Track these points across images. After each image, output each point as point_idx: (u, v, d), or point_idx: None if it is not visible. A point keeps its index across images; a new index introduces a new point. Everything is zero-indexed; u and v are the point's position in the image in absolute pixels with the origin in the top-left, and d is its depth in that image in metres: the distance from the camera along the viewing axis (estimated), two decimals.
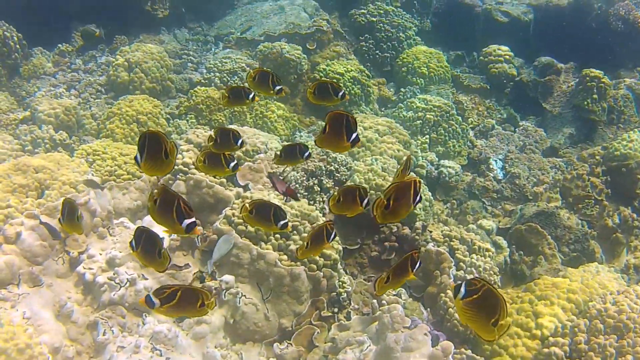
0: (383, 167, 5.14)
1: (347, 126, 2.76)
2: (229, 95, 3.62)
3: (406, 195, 2.60)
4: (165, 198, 2.42)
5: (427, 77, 7.35)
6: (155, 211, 2.43)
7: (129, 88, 6.53)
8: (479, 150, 6.52)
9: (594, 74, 6.82)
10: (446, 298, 4.12)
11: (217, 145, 3.51)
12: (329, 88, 3.36)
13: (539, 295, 4.03)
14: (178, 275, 4.41)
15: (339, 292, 4.48)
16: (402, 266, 2.93)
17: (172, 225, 2.43)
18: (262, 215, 3.14)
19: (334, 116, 2.78)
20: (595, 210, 5.75)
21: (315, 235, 3.11)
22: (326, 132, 2.78)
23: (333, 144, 2.85)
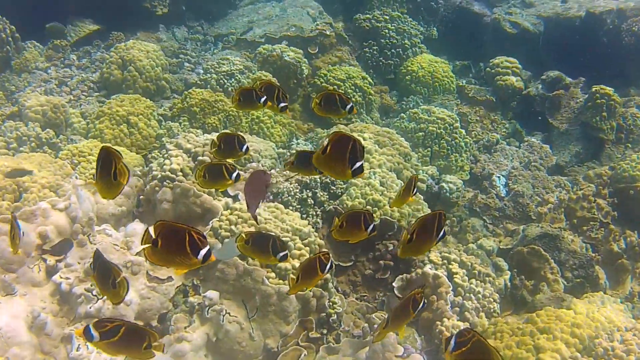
0: (381, 182, 4.91)
1: (352, 152, 2.46)
2: (239, 97, 3.37)
3: (430, 229, 2.53)
4: (170, 233, 2.17)
5: (431, 86, 7.12)
6: (159, 254, 2.18)
7: (122, 87, 6.31)
8: (482, 165, 6.28)
9: (604, 91, 6.60)
10: (442, 327, 3.89)
11: (220, 152, 3.31)
12: (336, 99, 3.14)
13: (541, 327, 3.80)
14: (160, 289, 4.20)
15: (329, 312, 4.26)
16: (403, 308, 2.76)
17: (186, 262, 2.18)
18: (260, 246, 2.93)
19: (338, 138, 2.48)
20: (600, 233, 5.51)
21: (307, 267, 2.87)
22: (327, 152, 2.48)
23: (332, 168, 2.53)
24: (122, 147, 5.37)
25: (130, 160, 5.20)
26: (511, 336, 3.84)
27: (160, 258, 2.18)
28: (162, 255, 2.17)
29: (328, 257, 2.81)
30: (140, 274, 4.16)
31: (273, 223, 4.27)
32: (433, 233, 2.53)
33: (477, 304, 4.25)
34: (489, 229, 5.72)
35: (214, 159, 4.63)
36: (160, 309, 4.17)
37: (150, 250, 2.15)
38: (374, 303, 4.67)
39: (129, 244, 4.31)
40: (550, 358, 3.59)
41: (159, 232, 2.13)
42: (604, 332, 3.71)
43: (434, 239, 2.55)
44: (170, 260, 2.18)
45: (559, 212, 5.66)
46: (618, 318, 3.94)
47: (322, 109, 3.18)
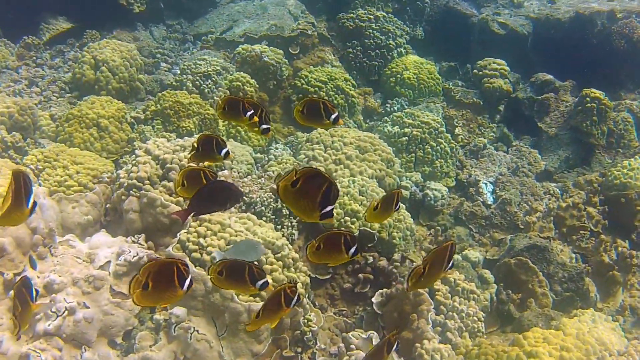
0: (361, 190, 4.68)
1: (325, 194, 2.20)
2: (225, 106, 3.10)
3: (441, 261, 2.56)
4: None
5: (416, 88, 6.88)
6: (149, 296, 2.23)
7: (95, 88, 6.03)
8: (468, 171, 6.06)
9: (595, 94, 6.40)
10: (422, 350, 3.64)
11: (198, 154, 3.06)
12: (320, 107, 2.89)
13: (528, 351, 3.55)
14: (124, 304, 3.96)
15: (304, 330, 4.01)
16: (378, 351, 2.69)
17: (175, 296, 2.27)
18: (235, 276, 2.64)
19: (313, 175, 2.22)
20: (590, 242, 5.31)
21: (271, 301, 2.63)
22: (297, 187, 2.20)
23: (298, 205, 2.26)
24: (89, 153, 5.09)
25: (100, 165, 4.94)
26: (496, 359, 3.60)
27: (150, 299, 2.23)
28: (152, 296, 2.22)
29: (295, 290, 2.58)
30: (104, 288, 3.91)
31: (244, 235, 4.02)
32: (444, 264, 2.57)
33: (460, 324, 4.02)
34: (475, 238, 5.51)
35: (191, 162, 4.41)
36: (125, 325, 3.93)
37: (140, 294, 2.18)
38: (353, 318, 4.44)
39: (92, 257, 4.06)
40: None
41: (148, 274, 2.17)
42: (594, 356, 3.48)
43: (443, 270, 2.59)
44: (160, 298, 2.25)
45: (548, 221, 5.45)
46: (610, 340, 3.71)
47: (305, 117, 2.94)
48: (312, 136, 5.43)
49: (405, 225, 4.72)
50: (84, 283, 3.85)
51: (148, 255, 4.06)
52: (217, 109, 3.13)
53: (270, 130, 3.14)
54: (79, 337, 3.72)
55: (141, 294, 2.18)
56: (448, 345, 3.74)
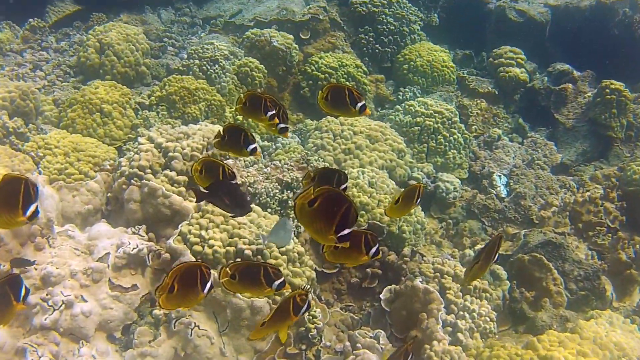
0: (370, 182, 4.51)
1: (343, 217, 2.04)
2: (247, 101, 2.94)
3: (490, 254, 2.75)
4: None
5: (430, 76, 6.67)
6: (174, 299, 2.26)
7: (100, 72, 5.88)
8: (481, 163, 5.87)
9: (615, 86, 6.18)
10: (431, 352, 3.48)
11: (223, 143, 2.94)
12: (346, 95, 2.75)
13: (542, 355, 3.38)
14: (124, 298, 3.84)
15: (309, 327, 3.87)
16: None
17: (195, 299, 2.30)
18: (250, 278, 2.48)
19: (333, 197, 2.06)
20: (607, 239, 5.12)
21: (279, 308, 2.48)
22: (314, 206, 2.05)
23: (313, 226, 2.10)
24: (91, 139, 4.95)
25: (102, 153, 4.80)
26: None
27: (174, 302, 2.25)
28: (176, 299, 2.24)
29: (305, 298, 2.44)
30: (102, 281, 3.81)
31: (248, 228, 3.87)
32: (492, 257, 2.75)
33: (471, 324, 3.85)
34: (488, 232, 5.33)
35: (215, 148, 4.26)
36: (124, 319, 3.82)
37: (165, 297, 2.21)
38: (360, 314, 4.29)
39: (91, 248, 3.94)
40: None
41: (175, 277, 2.20)
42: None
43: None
44: (183, 301, 2.26)
45: (564, 216, 5.26)
46: (629, 344, 3.54)
47: (329, 104, 2.80)
48: (321, 124, 5.26)
49: (415, 218, 4.56)
50: (82, 276, 3.75)
51: (148, 247, 3.93)
52: (238, 103, 2.96)
53: (288, 130, 2.97)
54: (77, 332, 3.62)
55: (166, 298, 2.21)
56: (458, 347, 3.57)
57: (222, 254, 3.74)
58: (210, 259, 3.74)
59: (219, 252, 3.74)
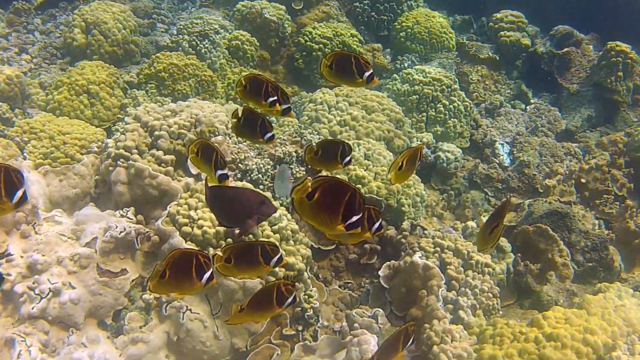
0: (366, 154, 4.34)
1: (349, 204, 1.94)
2: (247, 84, 2.76)
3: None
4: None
5: (428, 44, 6.44)
6: (166, 284, 2.19)
7: (87, 52, 5.70)
8: (483, 131, 5.68)
9: (620, 48, 5.96)
10: (431, 331, 3.32)
11: (240, 128, 2.77)
12: (352, 63, 2.57)
13: (548, 333, 3.21)
14: (113, 283, 3.72)
15: (305, 307, 3.74)
16: (393, 343, 2.41)
17: (192, 288, 2.20)
18: (246, 260, 2.33)
19: (332, 185, 1.96)
20: (615, 207, 4.94)
21: (260, 296, 2.33)
22: (314, 199, 1.94)
23: (318, 219, 1.99)
24: (78, 122, 4.80)
25: (89, 134, 4.65)
26: (512, 342, 3.26)
27: (165, 288, 2.20)
28: (168, 286, 2.18)
29: (292, 289, 2.28)
30: (90, 267, 3.71)
31: None
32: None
33: (473, 300, 3.69)
34: (491, 202, 5.17)
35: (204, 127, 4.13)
36: (114, 305, 3.73)
37: (157, 282, 2.15)
38: (359, 292, 4.15)
39: (78, 233, 3.83)
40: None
41: (167, 263, 2.14)
42: (621, 339, 3.15)
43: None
44: (175, 288, 2.19)
45: (569, 184, 5.08)
46: (638, 320, 3.37)
47: (333, 74, 2.62)
48: (316, 96, 5.08)
49: (414, 191, 4.39)
50: (69, 262, 3.64)
51: (136, 230, 3.81)
52: (238, 86, 2.78)
53: (291, 110, 2.80)
54: (66, 320, 3.53)
55: (157, 283, 2.15)
56: (460, 326, 3.42)
57: (212, 234, 3.60)
58: (200, 240, 3.60)
59: (209, 233, 3.59)
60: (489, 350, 3.25)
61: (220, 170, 2.59)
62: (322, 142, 2.83)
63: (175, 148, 4.10)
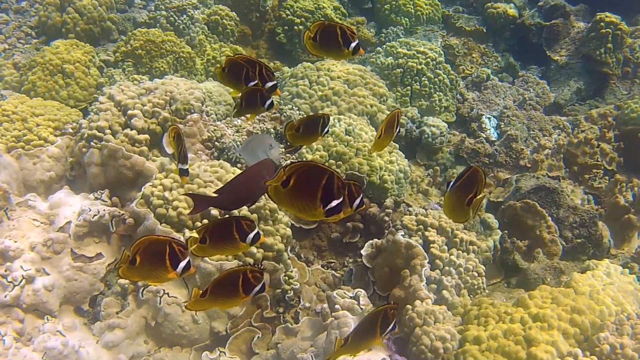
0: (347, 130, 4.22)
1: (326, 187, 1.86)
2: (227, 67, 2.65)
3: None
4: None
5: (413, 16, 6.29)
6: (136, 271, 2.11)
7: (62, 31, 5.53)
8: (470, 105, 5.55)
9: (610, 19, 5.80)
10: (413, 313, 3.22)
11: (241, 111, 2.70)
12: (337, 34, 2.45)
13: (534, 314, 3.10)
14: (88, 268, 3.63)
15: (285, 289, 3.64)
16: (369, 326, 2.25)
17: (165, 276, 2.11)
18: (222, 238, 2.20)
19: (302, 169, 1.86)
20: (604, 182, 4.84)
21: (224, 281, 2.19)
22: (289, 186, 1.86)
23: (299, 208, 1.92)
24: (52, 103, 4.65)
25: (64, 115, 4.51)
26: (497, 322, 3.15)
27: (136, 275, 2.12)
28: (139, 273, 2.11)
29: (259, 276, 2.16)
30: (64, 252, 3.62)
31: (215, 187, 3.61)
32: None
33: (457, 280, 3.58)
34: None
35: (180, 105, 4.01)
36: (90, 291, 3.64)
37: (126, 268, 2.08)
38: (342, 271, 4.06)
39: (52, 218, 3.72)
40: (545, 353, 2.90)
41: (137, 250, 2.06)
42: (610, 318, 3.05)
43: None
44: (148, 275, 2.11)
45: (558, 159, 4.98)
46: (627, 298, 3.27)
47: (318, 46, 2.50)
48: (297, 71, 4.94)
49: (398, 167, 4.27)
50: (43, 248, 3.55)
51: (110, 212, 3.69)
52: (216, 69, 2.66)
53: (277, 87, 2.68)
54: (41, 307, 3.46)
55: (127, 268, 2.07)
56: (443, 307, 3.31)
57: (187, 215, 3.49)
58: (176, 221, 3.49)
59: (184, 214, 3.48)
60: (474, 331, 3.16)
61: (182, 165, 2.55)
62: (303, 119, 2.73)
63: (150, 127, 3.97)
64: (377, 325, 2.26)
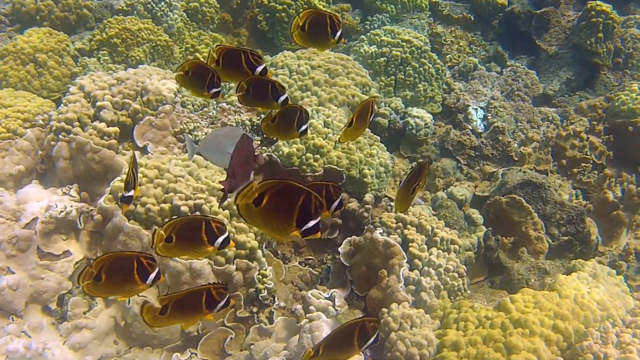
0: (326, 122, 4.06)
1: (303, 208, 1.74)
2: (190, 70, 2.43)
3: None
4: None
5: (399, 3, 6.09)
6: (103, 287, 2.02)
7: (37, 19, 5.36)
8: (456, 95, 5.39)
9: (601, 7, 5.64)
10: (389, 317, 3.08)
11: (247, 97, 2.47)
12: (327, 24, 2.33)
13: (515, 319, 2.96)
14: (55, 267, 3.51)
15: (259, 288, 3.51)
16: (345, 337, 2.08)
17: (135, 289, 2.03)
18: (189, 238, 2.07)
19: (280, 189, 1.76)
20: (593, 177, 4.71)
21: (188, 299, 2.09)
22: (263, 204, 1.75)
23: (272, 228, 1.80)
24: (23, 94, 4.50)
25: (35, 107, 4.35)
26: (477, 327, 3.02)
27: (103, 292, 2.05)
28: (106, 289, 2.03)
29: (223, 292, 2.06)
30: (30, 250, 3.51)
31: (185, 182, 3.46)
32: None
33: (437, 281, 3.43)
34: (463, 171, 4.93)
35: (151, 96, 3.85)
36: (58, 289, 3.52)
37: (91, 284, 1.98)
38: (320, 268, 3.93)
39: (18, 214, 3.58)
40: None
41: (101, 267, 1.97)
42: (594, 324, 2.92)
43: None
44: (115, 291, 2.05)
45: (546, 152, 4.84)
46: (613, 302, 3.14)
47: (306, 36, 2.36)
48: (277, 60, 4.77)
49: (378, 160, 4.13)
50: (8, 245, 3.45)
51: (78, 208, 3.56)
52: (179, 70, 2.47)
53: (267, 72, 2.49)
54: (5, 307, 3.38)
55: (93, 285, 1.98)
56: (421, 310, 3.17)
57: (156, 212, 3.36)
58: (144, 218, 3.37)
59: (153, 211, 3.35)
60: (452, 336, 3.02)
61: (126, 193, 2.43)
62: (282, 109, 2.55)
63: (120, 119, 3.82)
64: (355, 337, 2.09)
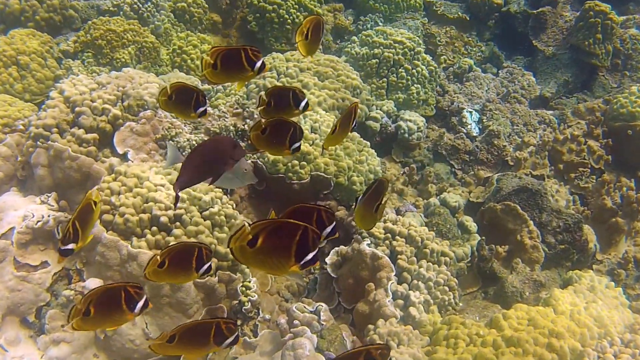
0: (313, 127, 3.93)
1: (300, 244, 1.71)
2: (173, 94, 2.45)
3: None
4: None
5: (393, 3, 5.97)
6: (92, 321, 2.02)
7: (21, 19, 5.23)
8: (450, 98, 5.26)
9: (600, 8, 5.54)
10: (375, 334, 2.95)
11: (269, 110, 2.56)
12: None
13: (508, 337, 2.84)
14: (32, 278, 3.39)
15: (242, 300, 3.39)
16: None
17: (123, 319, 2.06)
18: (181, 264, 2.14)
19: (271, 228, 1.72)
20: (591, 181, 4.59)
21: (196, 332, 2.06)
22: (257, 245, 1.71)
23: (270, 267, 1.78)
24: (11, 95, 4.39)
25: (15, 111, 4.23)
26: (468, 345, 2.89)
27: (95, 325, 2.06)
28: (95, 322, 2.03)
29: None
30: (7, 261, 3.40)
31: (165, 191, 3.33)
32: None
33: (427, 295, 3.30)
34: (458, 176, 4.80)
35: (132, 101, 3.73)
36: (35, 301, 3.39)
37: (81, 320, 1.99)
38: (307, 278, 3.80)
39: None
40: None
41: (90, 301, 1.98)
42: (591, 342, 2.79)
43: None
44: (104, 324, 2.07)
45: (542, 156, 4.72)
46: (611, 318, 3.00)
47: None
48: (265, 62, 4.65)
49: (367, 167, 4.00)
50: None
51: (56, 218, 3.43)
52: (161, 94, 2.45)
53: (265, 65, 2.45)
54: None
55: (82, 321, 1.98)
56: (409, 327, 3.04)
57: (134, 222, 3.23)
58: (122, 228, 3.24)
59: (131, 221, 3.22)
60: (442, 354, 2.89)
61: (64, 245, 2.27)
62: (271, 121, 2.47)
63: (99, 125, 3.69)
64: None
